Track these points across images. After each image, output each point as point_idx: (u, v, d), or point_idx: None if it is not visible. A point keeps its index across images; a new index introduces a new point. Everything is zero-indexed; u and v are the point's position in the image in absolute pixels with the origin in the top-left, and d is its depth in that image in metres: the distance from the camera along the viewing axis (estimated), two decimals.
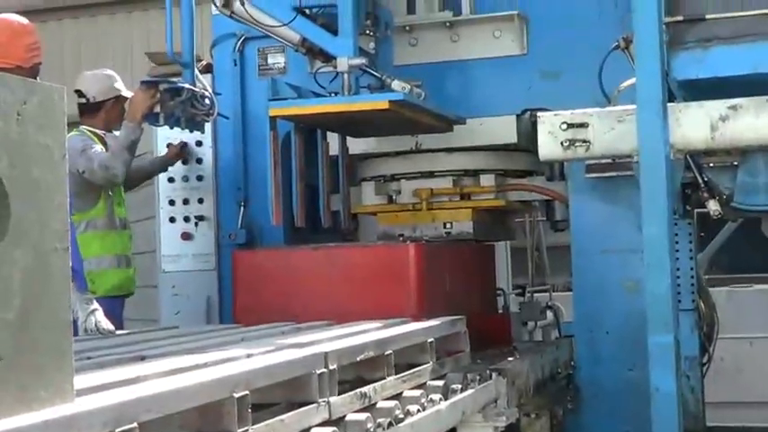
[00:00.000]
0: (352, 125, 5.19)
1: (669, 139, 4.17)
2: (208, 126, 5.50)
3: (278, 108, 4.81)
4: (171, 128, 5.34)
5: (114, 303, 5.34)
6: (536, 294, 6.54)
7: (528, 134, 5.28)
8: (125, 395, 2.12)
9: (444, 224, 5.44)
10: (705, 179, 4.54)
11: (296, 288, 4.71)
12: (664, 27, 4.15)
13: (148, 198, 6.19)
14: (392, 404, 3.15)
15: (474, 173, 5.55)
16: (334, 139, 5.42)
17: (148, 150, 6.06)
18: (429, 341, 3.79)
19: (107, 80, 5.68)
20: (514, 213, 6.44)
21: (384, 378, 3.32)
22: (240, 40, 5.85)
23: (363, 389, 3.13)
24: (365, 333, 3.71)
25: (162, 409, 2.16)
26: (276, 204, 4.87)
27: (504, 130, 5.45)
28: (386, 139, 5.49)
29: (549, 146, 4.41)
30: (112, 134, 5.55)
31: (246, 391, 2.47)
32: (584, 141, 4.36)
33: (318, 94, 5.05)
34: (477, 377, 3.93)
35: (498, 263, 6.56)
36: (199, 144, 5.86)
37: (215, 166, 5.88)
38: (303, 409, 2.77)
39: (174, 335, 3.94)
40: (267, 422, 2.56)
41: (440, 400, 3.53)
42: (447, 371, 3.86)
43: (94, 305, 4.30)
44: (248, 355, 2.94)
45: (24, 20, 5.12)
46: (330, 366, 2.94)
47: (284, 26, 4.93)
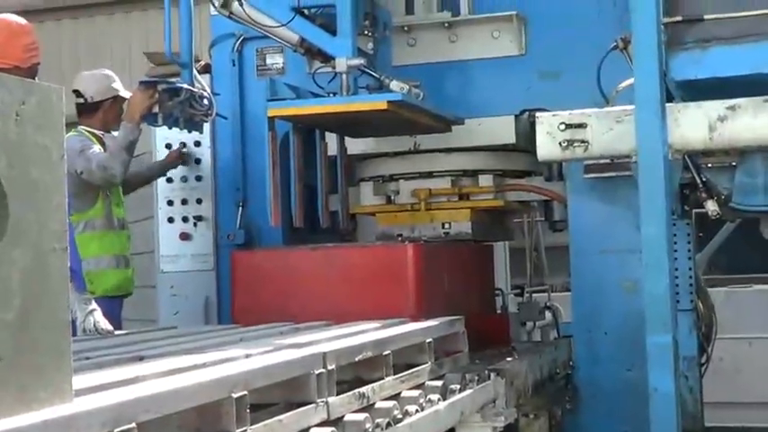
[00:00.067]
0: (350, 125, 5.19)
1: (667, 139, 4.17)
2: (206, 126, 5.50)
3: (276, 108, 4.81)
4: (169, 128, 5.34)
5: (113, 303, 5.34)
6: (534, 294, 6.54)
7: (526, 134, 5.28)
8: (124, 395, 2.12)
9: (443, 224, 5.44)
10: (703, 179, 4.54)
11: (294, 288, 4.71)
12: (662, 27, 4.15)
13: (147, 198, 6.18)
14: (391, 404, 3.15)
15: (472, 173, 5.55)
16: (332, 139, 5.41)
17: (147, 151, 6.06)
18: (427, 341, 3.79)
19: (105, 80, 5.67)
20: (513, 213, 6.43)
21: (382, 378, 3.32)
22: (239, 41, 5.85)
23: (362, 389, 3.13)
24: (364, 333, 3.71)
25: (160, 409, 2.16)
26: (274, 205, 4.87)
27: (503, 130, 5.45)
28: (384, 139, 5.49)
29: (548, 146, 4.41)
30: (111, 134, 5.55)
31: (245, 392, 2.47)
32: (582, 142, 4.36)
33: (317, 95, 5.05)
34: (476, 377, 3.93)
35: (497, 263, 6.55)
36: (197, 144, 5.86)
37: (213, 166, 5.88)
38: (301, 409, 2.77)
39: (173, 335, 3.94)
40: (265, 422, 2.56)
41: (438, 400, 3.53)
42: (445, 371, 3.86)
43: (93, 305, 4.29)
44: (247, 356, 2.94)
45: (22, 20, 5.11)
46: (328, 367, 2.94)
47: (283, 26, 4.93)
